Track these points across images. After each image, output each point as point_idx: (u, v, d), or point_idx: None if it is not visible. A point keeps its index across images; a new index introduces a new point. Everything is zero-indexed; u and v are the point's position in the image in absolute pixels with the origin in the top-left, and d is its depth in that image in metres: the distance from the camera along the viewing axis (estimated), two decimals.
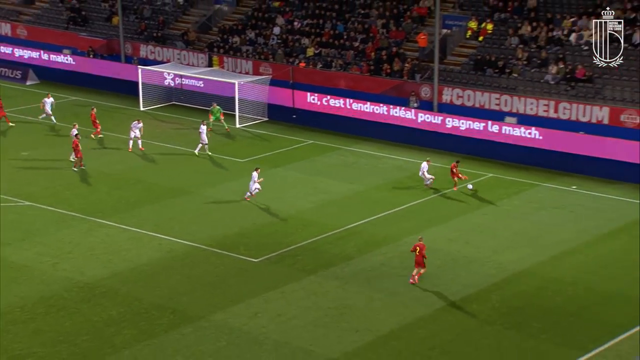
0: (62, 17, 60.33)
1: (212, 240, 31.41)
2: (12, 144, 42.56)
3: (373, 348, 24.39)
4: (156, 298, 27.06)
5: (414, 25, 49.73)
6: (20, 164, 39.50)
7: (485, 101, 43.90)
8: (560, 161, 39.74)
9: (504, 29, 47.07)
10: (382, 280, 28.50)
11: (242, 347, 24.29)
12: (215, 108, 45.02)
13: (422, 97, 45.51)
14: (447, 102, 44.77)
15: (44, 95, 46.47)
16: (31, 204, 34.56)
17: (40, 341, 24.40)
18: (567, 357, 23.93)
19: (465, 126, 42.76)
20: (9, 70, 55.46)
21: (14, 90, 52.49)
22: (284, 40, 52.22)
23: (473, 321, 26.01)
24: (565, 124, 41.33)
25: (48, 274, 28.59)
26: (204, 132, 40.81)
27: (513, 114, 43.06)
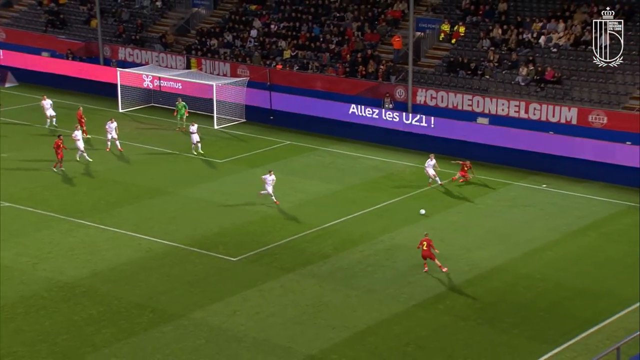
0: (40, 20, 59.81)
1: (191, 240, 31.31)
2: None
3: (350, 344, 24.43)
4: (136, 297, 26.93)
5: (388, 28, 49.85)
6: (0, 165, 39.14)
7: (458, 102, 44.09)
8: (531, 160, 40.01)
9: (475, 32, 47.34)
10: (359, 278, 28.55)
11: (221, 345, 24.24)
12: (180, 104, 44.80)
13: (397, 98, 45.62)
14: (421, 103, 44.90)
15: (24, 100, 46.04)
16: (10, 205, 34.26)
17: (20, 341, 24.23)
18: (538, 350, 24.10)
19: (439, 127, 42.89)
20: None
21: None
22: (261, 42, 52.14)
23: (447, 317, 26.13)
24: (535, 124, 41.59)
25: (28, 274, 28.38)
26: (195, 132, 40.77)
27: (485, 114, 43.27)
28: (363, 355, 23.90)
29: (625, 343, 17.30)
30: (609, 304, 26.70)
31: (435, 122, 42.98)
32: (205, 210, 34.48)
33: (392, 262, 29.82)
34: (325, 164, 40.82)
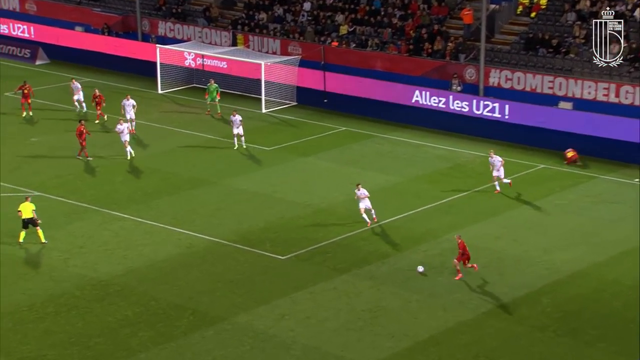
0: None
1: (236, 235, 31.51)
2: (20, 130, 42.94)
3: (410, 354, 24.36)
4: (175, 297, 27.22)
5: (458, 1, 49.45)
6: (28, 151, 39.81)
7: (537, 84, 43.61)
8: (621, 151, 39.33)
9: (559, 4, 46.66)
10: (421, 280, 28.44)
11: (267, 352, 24.37)
12: (212, 86, 44.99)
13: (467, 79, 45.29)
14: (494, 85, 44.51)
15: (56, 78, 46.64)
16: (40, 194, 34.87)
17: (50, 343, 24.64)
18: None
19: (514, 112, 42.44)
20: (16, 48, 55.96)
21: (21, 71, 52.98)
22: (315, 17, 52.19)
23: (522, 327, 25.87)
24: (627, 109, 40.92)
25: (58, 270, 28.86)
26: (238, 123, 40.02)
27: (568, 98, 42.74)
28: None
29: None
30: None
31: (510, 107, 42.57)
32: (251, 202, 34.66)
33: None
34: (384, 152, 40.71)
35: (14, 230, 31.25)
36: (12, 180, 36.34)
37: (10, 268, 28.91)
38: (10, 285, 27.81)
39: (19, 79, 48.71)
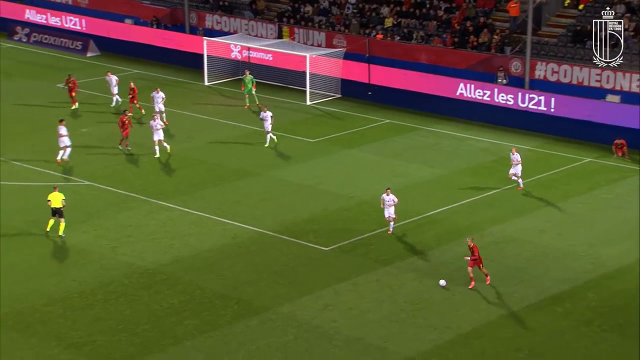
0: None
1: (280, 226, 31.61)
2: (70, 120, 43.34)
3: (453, 347, 24.27)
4: (220, 287, 27.40)
5: None
6: (79, 141, 40.24)
7: (584, 77, 42.97)
8: None
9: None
10: (463, 273, 28.26)
11: (311, 342, 24.44)
12: (247, 77, 45.00)
13: (512, 72, 44.83)
14: (540, 78, 43.99)
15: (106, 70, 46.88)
16: (90, 184, 35.28)
17: (99, 329, 24.98)
18: None
19: (561, 105, 41.95)
20: (68, 40, 56.66)
21: (73, 62, 53.58)
22: (360, 9, 52.03)
23: (566, 321, 25.63)
24: None
25: (107, 258, 29.20)
26: (268, 120, 39.63)
27: (616, 91, 42.06)
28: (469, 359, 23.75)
29: None
30: None
31: (556, 100, 42.08)
32: (295, 194, 34.72)
33: (502, 257, 29.42)
34: (428, 145, 40.52)
35: (67, 219, 31.56)
36: (61, 168, 36.79)
37: (61, 256, 29.35)
38: (62, 272, 28.24)
39: (70, 71, 49.34)
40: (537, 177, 36.27)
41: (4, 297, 26.51)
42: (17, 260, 29.01)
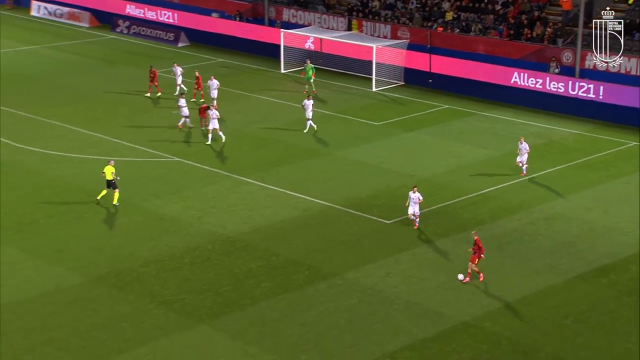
0: None
1: (346, 201, 31.61)
2: (149, 106, 43.89)
3: (503, 313, 24.05)
4: (292, 254, 27.57)
5: None
6: (169, 122, 40.73)
7: (632, 67, 41.93)
8: None
9: None
10: (515, 246, 27.97)
11: (373, 306, 24.45)
12: (308, 66, 44.78)
13: (564, 62, 43.94)
14: (590, 67, 43.00)
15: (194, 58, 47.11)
16: (179, 160, 35.75)
17: (187, 289, 25.37)
18: None
19: (609, 93, 40.97)
20: (162, 32, 57.42)
21: (166, 52, 54.22)
22: (423, 4, 51.51)
23: (610, 291, 25.19)
24: None
25: (194, 226, 29.58)
26: (309, 108, 38.64)
27: None
28: (517, 325, 23.46)
29: None
30: None
31: (604, 88, 41.13)
32: (360, 172, 34.66)
33: (550, 232, 28.98)
34: (483, 129, 40.01)
35: (160, 191, 32.08)
36: (155, 147, 37.32)
37: (155, 224, 29.82)
38: (155, 238, 28.70)
39: (164, 59, 50.06)
40: (585, 159, 35.55)
41: (106, 258, 27.13)
42: (117, 227, 29.65)
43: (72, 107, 42.56)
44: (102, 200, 31.09)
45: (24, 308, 24.16)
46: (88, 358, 21.98)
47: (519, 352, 22.24)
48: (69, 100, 43.58)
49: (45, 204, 31.23)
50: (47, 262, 26.85)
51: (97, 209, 30.88)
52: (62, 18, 62.43)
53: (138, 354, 22.17)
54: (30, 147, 36.82)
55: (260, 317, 23.89)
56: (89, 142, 37.78)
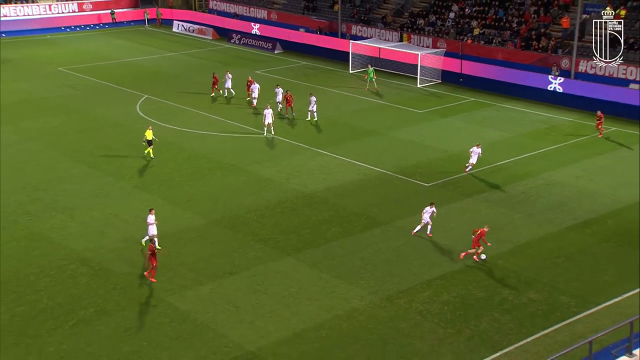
0: (300, 5, 61.29)
1: (396, 168, 31.31)
2: (263, 95, 43.99)
3: (513, 254, 23.65)
4: (355, 207, 27.51)
5: (559, 12, 45.98)
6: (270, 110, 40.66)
7: (613, 71, 40.11)
8: None
9: (634, 14, 42.43)
10: (522, 204, 27.33)
11: (415, 247, 24.32)
12: (370, 69, 44.11)
13: (563, 67, 42.31)
14: (583, 71, 41.35)
15: (286, 62, 46.99)
16: (273, 136, 35.87)
17: (278, 230, 25.58)
18: None
19: (596, 90, 39.37)
20: (263, 42, 57.46)
21: (265, 57, 54.32)
22: (457, 22, 50.13)
23: (592, 238, 24.49)
24: None
25: (284, 185, 29.71)
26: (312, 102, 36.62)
27: (636, 81, 39.11)
28: (523, 263, 23.04)
29: None
30: None
31: (594, 87, 39.53)
32: (407, 147, 34.24)
33: (549, 194, 28.22)
34: (500, 117, 38.95)
35: (259, 158, 32.12)
36: (256, 125, 37.22)
37: (255, 182, 30.02)
38: (255, 193, 28.89)
39: (264, 63, 50.08)
40: (576, 140, 34.35)
41: (221, 207, 27.54)
42: (229, 184, 29.94)
43: (199, 96, 43.11)
44: (147, 156, 31.61)
45: (167, 240, 24.65)
46: (209, 276, 22.49)
47: (523, 283, 21.87)
48: (197, 91, 44.17)
49: (179, 166, 31.80)
50: (181, 208, 27.41)
51: (216, 170, 31.13)
52: (193, 33, 63.12)
53: (243, 275, 22.55)
54: (170, 126, 37.51)
55: (331, 252, 23.97)
56: (210, 122, 38.23)
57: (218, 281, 22.17)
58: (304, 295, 21.37)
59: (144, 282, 22.06)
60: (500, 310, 20.41)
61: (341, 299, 21.13)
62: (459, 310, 20.45)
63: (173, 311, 20.60)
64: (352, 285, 21.82)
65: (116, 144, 34.13)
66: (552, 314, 20.10)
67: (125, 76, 47.63)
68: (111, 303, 20.96)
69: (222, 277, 22.39)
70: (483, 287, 21.61)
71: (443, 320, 20.00)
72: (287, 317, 20.29)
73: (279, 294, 21.46)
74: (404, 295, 21.26)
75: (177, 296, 21.37)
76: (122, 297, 21.25)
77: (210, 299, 21.28)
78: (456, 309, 20.55)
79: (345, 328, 19.80)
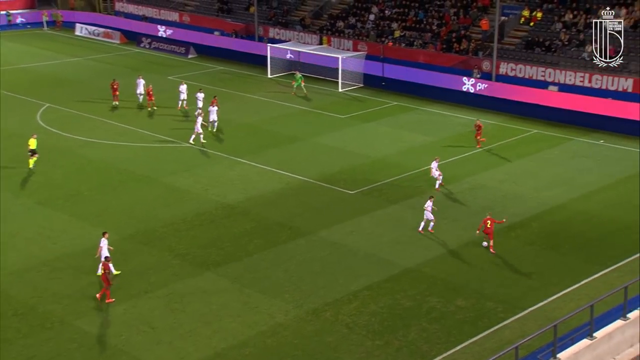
0: (214, 7, 60.76)
1: (319, 176, 31.47)
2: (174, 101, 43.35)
3: (440, 261, 24.19)
4: (278, 217, 27.43)
5: (478, 14, 47.76)
6: (180, 116, 40.21)
7: (533, 73, 42.02)
8: (591, 121, 37.85)
9: (550, 17, 44.70)
10: (448, 209, 28.04)
11: (340, 256, 24.45)
12: (297, 75, 44.49)
13: (484, 69, 43.90)
14: (503, 73, 43.06)
15: (201, 67, 46.48)
16: (190, 146, 35.30)
17: (196, 244, 25.18)
18: (591, 271, 23.21)
19: (517, 93, 41.10)
20: (176, 46, 56.55)
21: (179, 62, 53.46)
22: (377, 24, 51.12)
23: (517, 242, 25.40)
24: (596, 91, 39.25)
25: (202, 197, 29.31)
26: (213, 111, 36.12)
27: (555, 83, 41.11)
28: (450, 269, 23.60)
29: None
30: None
31: (514, 89, 41.23)
32: (330, 154, 34.50)
33: (474, 198, 29.11)
34: (423, 120, 39.94)
35: (175, 169, 31.56)
36: (170, 134, 36.82)
37: (172, 194, 29.45)
38: (172, 205, 28.39)
39: (177, 68, 49.28)
40: (499, 143, 35.67)
41: (135, 221, 26.81)
42: (143, 197, 29.27)
43: (107, 104, 41.88)
44: (34, 167, 30.79)
45: (75, 259, 23.87)
46: (122, 295, 21.78)
47: (451, 290, 22.37)
48: (104, 99, 42.88)
49: (87, 179, 30.78)
50: (90, 224, 26.52)
51: (128, 183, 30.41)
52: (99, 36, 61.28)
53: (159, 294, 22.01)
54: (75, 136, 36.21)
55: (253, 266, 23.79)
56: (120, 131, 37.21)
57: (132, 301, 21.54)
58: (226, 312, 21.07)
59: (47, 306, 21.10)
60: (429, 319, 20.80)
61: (265, 314, 20.97)
62: (386, 321, 20.68)
63: (82, 336, 19.81)
64: (277, 299, 21.71)
65: (15, 157, 32.58)
66: (480, 320, 20.66)
67: (23, 83, 45.72)
68: (11, 330, 19.93)
69: (136, 297, 21.76)
70: (410, 296, 21.96)
71: (371, 332, 20.17)
72: (208, 336, 19.91)
73: (198, 311, 21.07)
74: (330, 307, 21.32)
75: (87, 319, 20.59)
76: (23, 324, 20.25)
77: (124, 320, 20.62)
78: (384, 319, 20.77)
79: (270, 344, 19.64)
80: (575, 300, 21.26)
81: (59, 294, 21.83)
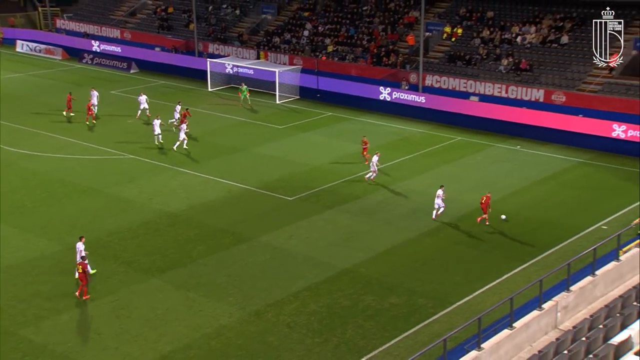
0: (154, 25, 59.81)
1: (259, 184, 31.40)
2: (121, 114, 42.45)
3: (374, 261, 24.44)
4: (220, 224, 27.20)
5: (405, 30, 48.78)
6: (126, 128, 39.47)
7: (456, 84, 43.19)
8: (509, 128, 39.17)
9: (470, 33, 46.13)
10: (381, 213, 28.42)
11: (281, 260, 24.42)
12: (243, 87, 44.49)
13: (411, 81, 44.82)
14: (429, 85, 44.08)
15: (143, 82, 45.84)
16: (133, 157, 34.63)
17: (141, 252, 24.74)
18: (511, 266, 23.89)
19: (441, 102, 42.14)
20: (118, 62, 55.33)
21: (121, 77, 52.32)
22: (311, 40, 51.47)
23: (445, 242, 25.94)
24: (512, 101, 40.69)
25: (146, 206, 28.82)
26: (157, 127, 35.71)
27: (476, 94, 42.38)
28: (384, 269, 23.89)
29: (573, 261, 17.06)
30: (563, 233, 26.30)
31: (439, 99, 42.25)
32: (269, 163, 34.47)
33: (406, 202, 29.60)
34: (357, 130, 40.37)
35: (119, 180, 30.88)
36: (114, 146, 36.09)
37: (116, 204, 28.86)
38: (117, 215, 27.81)
39: (120, 82, 48.23)
40: (427, 149, 36.43)
41: (79, 231, 25.95)
42: (87, 208, 28.53)
43: (49, 118, 40.55)
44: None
45: (19, 269, 23.05)
46: (68, 304, 21.12)
47: (385, 288, 22.65)
48: (47, 113, 41.52)
49: (31, 191, 29.73)
50: (34, 235, 25.63)
51: (73, 194, 29.63)
52: (40, 53, 59.32)
53: (105, 300, 21.47)
54: (18, 150, 34.90)
55: (197, 271, 23.51)
56: (63, 144, 36.13)
57: (78, 308, 20.89)
58: (171, 316, 20.73)
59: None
60: (364, 316, 21.00)
61: (209, 317, 20.73)
62: (325, 320, 20.77)
63: (27, 345, 19.08)
64: (220, 302, 21.49)
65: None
66: (412, 316, 21.00)
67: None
68: None
69: (82, 304, 21.15)
70: (348, 295, 22.13)
71: (310, 331, 20.21)
72: (154, 340, 19.53)
73: (144, 316, 20.65)
74: (272, 308, 21.26)
75: (32, 328, 19.86)
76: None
77: (70, 327, 20.01)
78: (323, 318, 20.86)
79: (214, 346, 19.41)
80: (497, 294, 21.87)
81: (3, 305, 20.98)
